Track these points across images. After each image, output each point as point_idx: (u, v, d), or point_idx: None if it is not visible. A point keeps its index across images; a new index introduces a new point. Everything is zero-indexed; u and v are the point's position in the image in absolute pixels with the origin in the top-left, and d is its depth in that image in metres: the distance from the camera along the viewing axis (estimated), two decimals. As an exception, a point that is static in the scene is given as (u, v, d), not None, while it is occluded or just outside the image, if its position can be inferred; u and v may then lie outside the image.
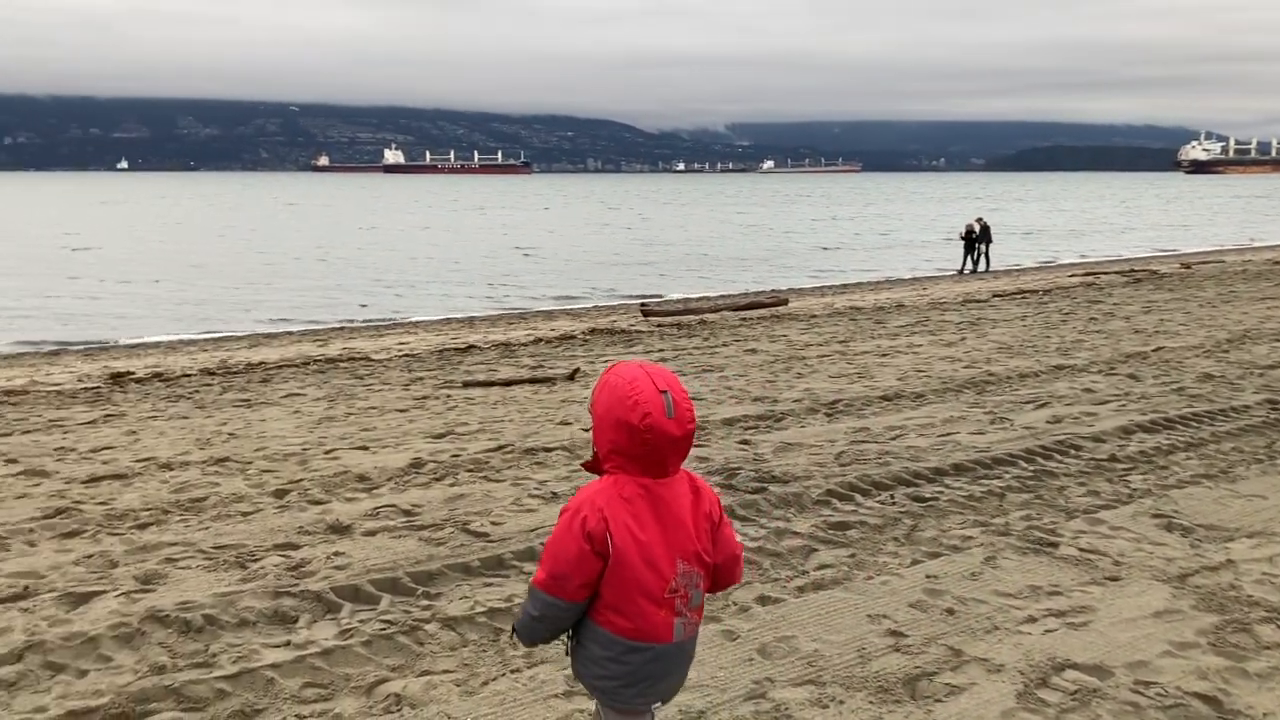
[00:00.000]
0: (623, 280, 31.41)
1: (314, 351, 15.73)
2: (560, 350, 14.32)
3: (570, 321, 19.72)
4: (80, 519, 6.21)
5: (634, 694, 2.73)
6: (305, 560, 5.30)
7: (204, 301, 26.05)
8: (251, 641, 4.32)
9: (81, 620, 4.54)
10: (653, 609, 2.65)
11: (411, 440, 8.34)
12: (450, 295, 27.38)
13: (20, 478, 7.36)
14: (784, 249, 43.64)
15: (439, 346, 15.64)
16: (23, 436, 9.05)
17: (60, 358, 17.21)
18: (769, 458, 7.31)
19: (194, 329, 21.50)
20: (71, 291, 27.73)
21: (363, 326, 21.48)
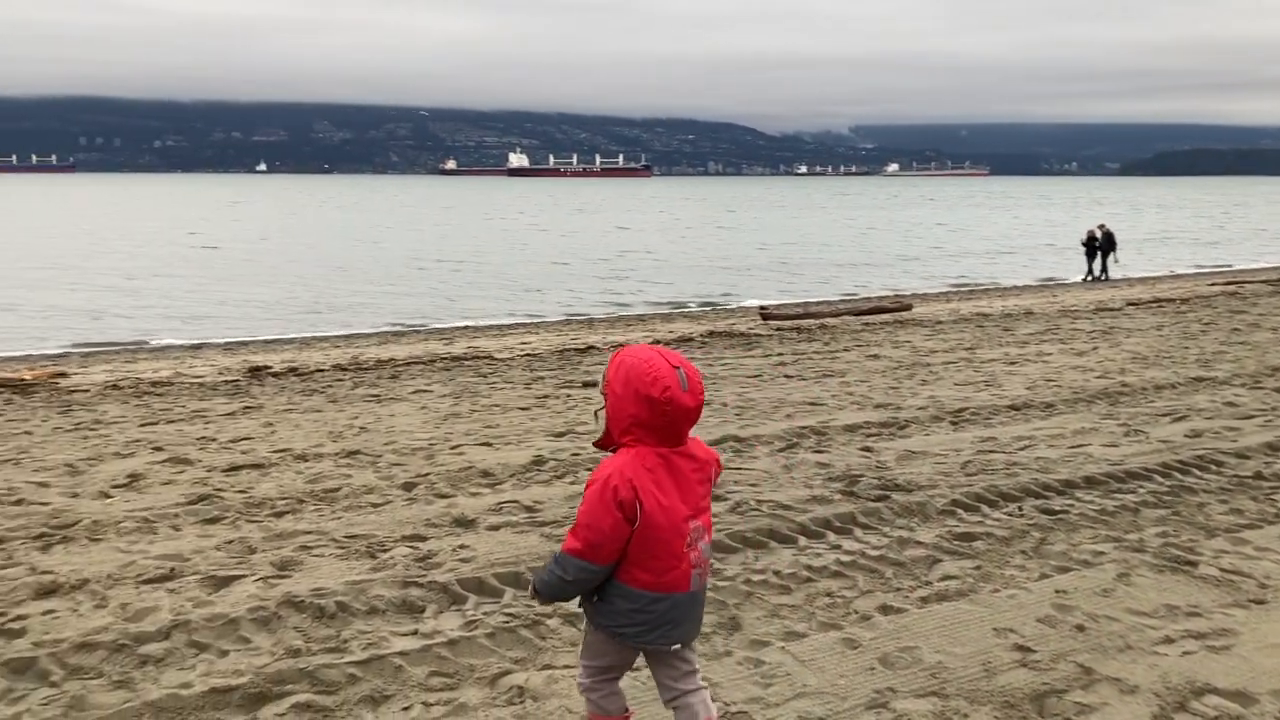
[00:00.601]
0: (741, 283, 31.32)
1: (440, 350, 16.12)
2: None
3: (688, 324, 19.76)
4: (221, 506, 6.49)
5: (656, 637, 3.05)
6: (432, 552, 5.43)
7: (332, 298, 26.94)
8: (381, 629, 4.46)
9: (223, 602, 4.75)
10: (675, 564, 3.00)
11: (533, 438, 8.48)
12: (570, 297, 27.72)
13: (166, 465, 7.74)
14: (907, 253, 42.88)
15: (559, 347, 15.85)
16: (168, 426, 9.51)
17: (202, 351, 18.03)
18: (892, 465, 7.20)
19: (325, 326, 22.26)
20: (207, 288, 29.03)
21: (486, 326, 21.92)
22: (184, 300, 26.56)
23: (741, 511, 6.08)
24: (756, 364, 12.64)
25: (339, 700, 3.87)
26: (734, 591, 4.87)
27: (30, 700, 3.86)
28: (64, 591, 4.95)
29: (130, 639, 4.32)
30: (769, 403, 9.77)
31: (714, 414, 9.24)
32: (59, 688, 3.95)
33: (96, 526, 6.06)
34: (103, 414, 10.33)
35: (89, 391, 12.13)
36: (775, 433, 8.31)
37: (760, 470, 7.12)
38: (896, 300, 22.18)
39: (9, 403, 11.35)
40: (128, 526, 6.06)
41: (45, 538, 5.87)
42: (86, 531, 5.97)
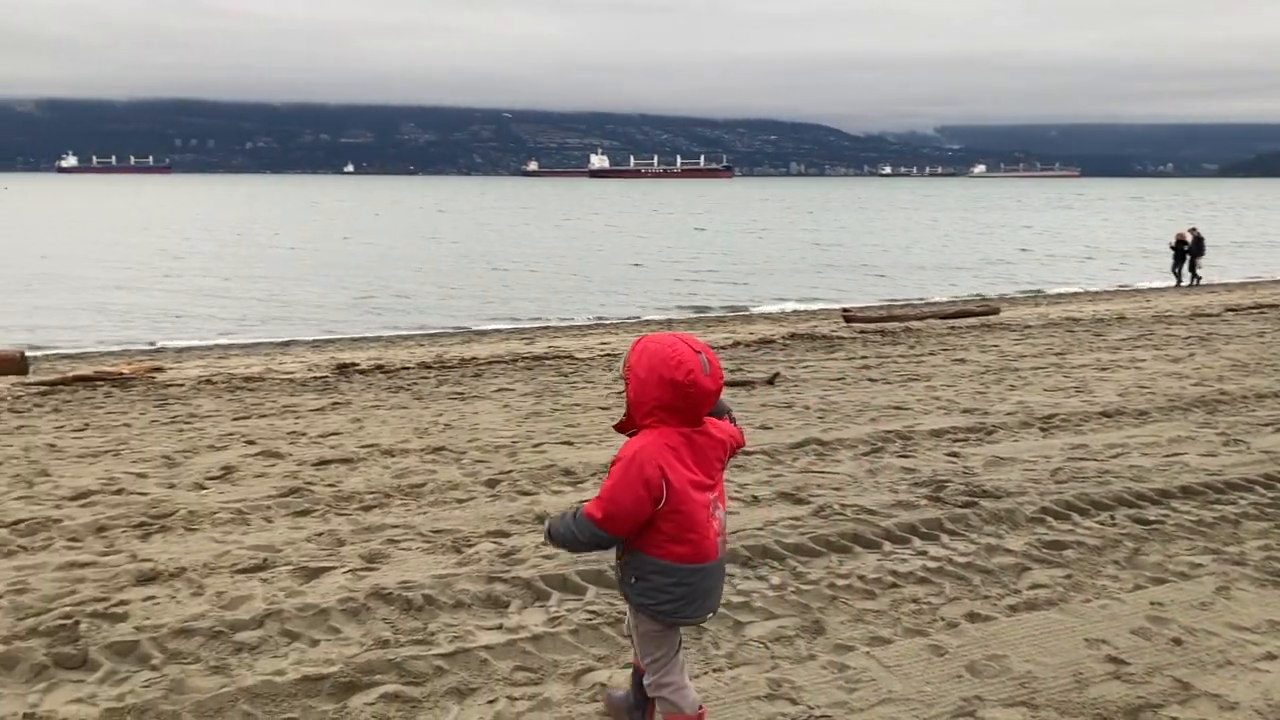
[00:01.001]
0: (821, 284, 31.09)
1: (521, 349, 16.27)
2: (759, 354, 14.28)
3: (769, 325, 19.66)
4: (311, 499, 6.64)
5: (694, 609, 3.21)
6: (516, 548, 5.49)
7: (416, 298, 27.38)
8: (467, 623, 4.52)
9: (313, 593, 4.86)
10: (704, 534, 3.16)
11: (614, 437, 8.48)
12: (647, 298, 27.77)
13: (259, 458, 7.94)
14: (993, 256, 42.09)
15: (641, 347, 15.86)
16: (260, 420, 9.76)
17: (291, 348, 18.47)
18: (979, 471, 7.07)
19: (409, 324, 22.64)
20: (294, 287, 29.71)
21: (566, 326, 22.08)
22: (272, 298, 27.23)
23: (825, 515, 6.03)
24: (839, 367, 12.52)
25: (426, 691, 3.93)
26: (818, 595, 4.83)
27: (133, 682, 3.99)
28: (163, 579, 5.11)
29: (226, 626, 4.44)
30: (852, 406, 9.67)
31: (796, 416, 9.18)
32: (159, 671, 4.08)
33: (193, 517, 6.24)
34: (197, 408, 10.63)
35: (184, 386, 12.50)
36: (859, 436, 8.22)
37: (844, 474, 7.05)
38: (983, 303, 21.79)
39: (109, 396, 11.76)
40: (222, 517, 6.23)
41: (144, 526, 6.07)
42: (183, 521, 6.16)
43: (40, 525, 6.09)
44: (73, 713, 3.74)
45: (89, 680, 4.01)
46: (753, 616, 4.62)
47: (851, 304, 24.50)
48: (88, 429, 9.48)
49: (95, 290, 28.70)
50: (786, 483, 6.81)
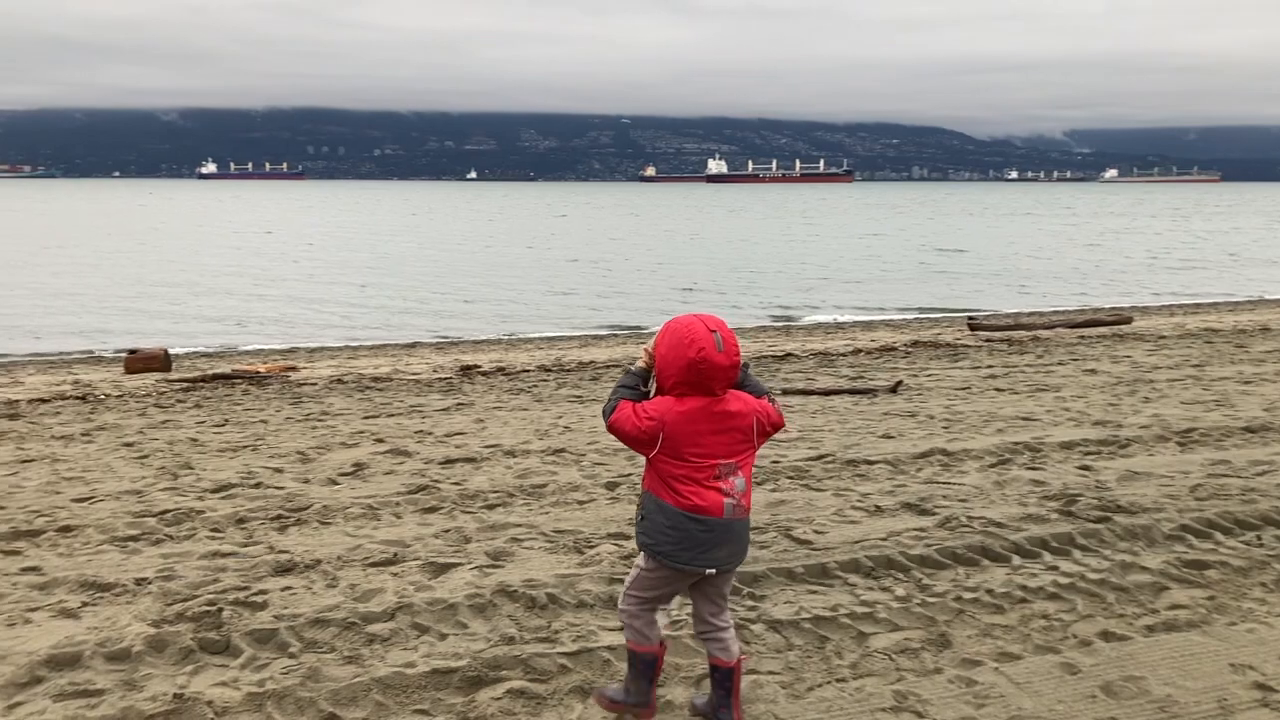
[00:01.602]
0: (941, 291, 30.45)
1: (639, 352, 16.34)
2: (881, 362, 14.06)
3: (890, 333, 19.34)
4: (438, 496, 6.81)
5: (689, 557, 3.52)
6: (635, 551, 5.52)
7: (535, 301, 27.79)
8: (589, 623, 4.57)
9: (442, 588, 4.98)
10: (704, 490, 3.48)
11: (734, 443, 8.48)
12: (760, 303, 27.63)
13: (387, 456, 8.17)
14: (1122, 264, 40.59)
15: (756, 354, 15.81)
16: (388, 419, 10.04)
17: (416, 350, 18.94)
18: (1113, 486, 6.83)
19: (528, 328, 22.99)
20: (414, 290, 30.49)
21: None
22: (397, 300, 28.00)
23: (951, 527, 5.91)
24: (964, 375, 12.25)
25: (550, 689, 3.99)
26: (944, 608, 4.74)
27: (273, 668, 4.16)
28: (299, 570, 5.31)
29: (359, 618, 4.59)
30: (978, 416, 9.45)
31: (920, 426, 9.02)
32: (297, 659, 4.24)
33: (326, 511, 6.46)
34: (329, 406, 11.00)
35: (317, 385, 12.95)
36: (985, 447, 8.03)
37: (970, 485, 6.90)
38: (1114, 313, 21.04)
39: (246, 393, 12.26)
40: (354, 512, 6.44)
41: (281, 519, 6.31)
42: (318, 515, 6.38)
43: (185, 516, 6.39)
44: (217, 695, 3.92)
45: (232, 665, 4.20)
46: (877, 627, 4.55)
47: (976, 311, 23.94)
48: (227, 425, 9.89)
49: (232, 290, 29.99)
50: (910, 493, 6.69)
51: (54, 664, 4.17)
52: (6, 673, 4.09)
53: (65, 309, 25.84)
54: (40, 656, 4.21)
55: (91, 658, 4.22)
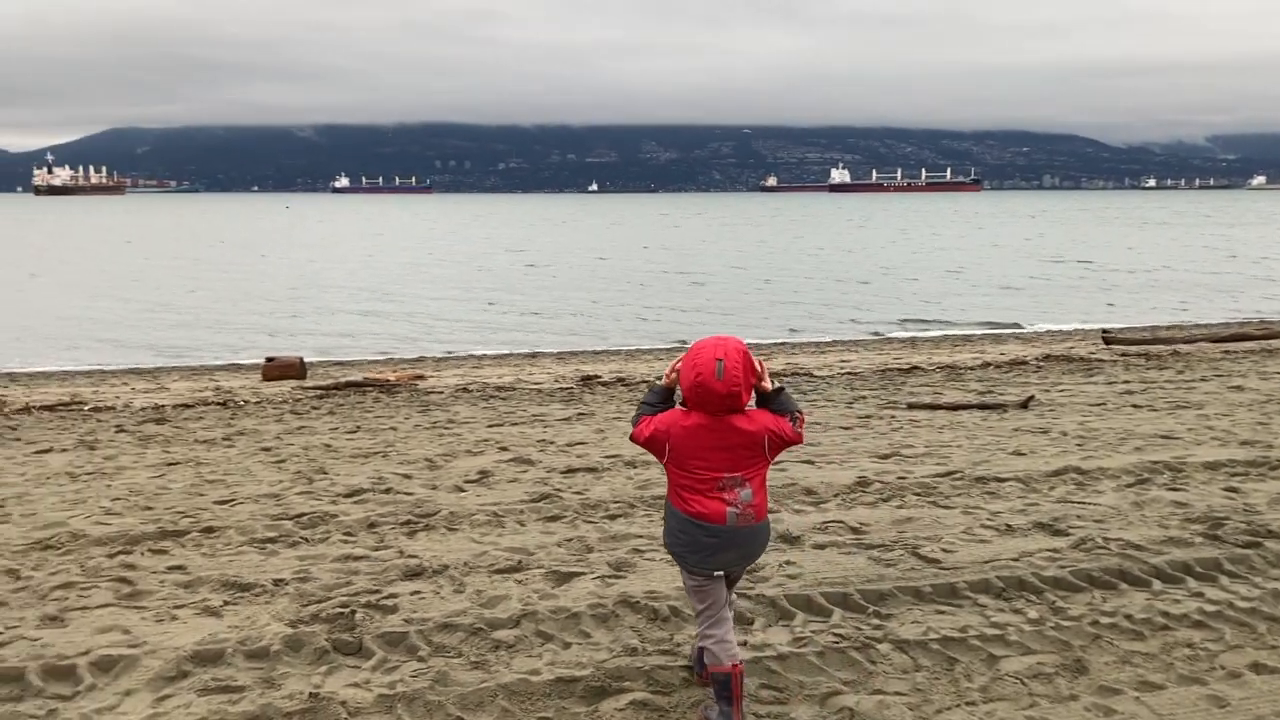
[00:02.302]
0: (1069, 303, 29.45)
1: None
2: (1011, 376, 13.67)
3: (1021, 346, 18.80)
4: (560, 505, 6.88)
5: (697, 560, 3.81)
6: (759, 565, 5.48)
7: (650, 313, 27.90)
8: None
9: (565, 596, 5.03)
10: (706, 499, 3.75)
11: (856, 458, 8.36)
12: (881, 315, 27.17)
13: (511, 464, 8.30)
14: (1271, 275, 38.59)
15: (881, 366, 15.55)
16: (511, 428, 10.21)
17: (538, 360, 19.22)
18: (1263, 509, 6.48)
19: (646, 339, 23.09)
20: (531, 301, 30.93)
21: (804, 343, 21.91)
22: (518, 310, 28.48)
23: (1086, 549, 5.69)
24: (1099, 391, 11.81)
25: (673, 701, 3.99)
26: (1079, 633, 4.57)
27: (402, 671, 4.26)
28: (427, 575, 5.43)
29: (485, 624, 4.67)
30: (1114, 434, 9.10)
31: (1052, 443, 8.73)
32: (425, 663, 4.33)
33: (453, 517, 6.60)
34: (455, 414, 11.24)
35: (443, 393, 13.25)
36: (1123, 466, 7.72)
37: (1106, 506, 6.64)
38: (1263, 327, 20.01)
39: (377, 401, 12.62)
40: (479, 519, 6.56)
41: (410, 524, 6.47)
42: (445, 521, 6.52)
43: (319, 519, 6.61)
44: (350, 696, 4.03)
45: (364, 666, 4.31)
46: (1008, 650, 4.42)
47: (1111, 324, 23.08)
48: (359, 431, 10.20)
49: (363, 299, 30.98)
50: (1043, 512, 6.48)
51: (198, 659, 4.35)
52: (155, 666, 4.29)
53: (208, 318, 27.07)
54: (186, 652, 4.40)
55: (233, 655, 4.39)
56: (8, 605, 5.06)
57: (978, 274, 39.81)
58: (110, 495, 7.41)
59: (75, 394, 14.09)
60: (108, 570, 5.59)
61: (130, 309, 28.97)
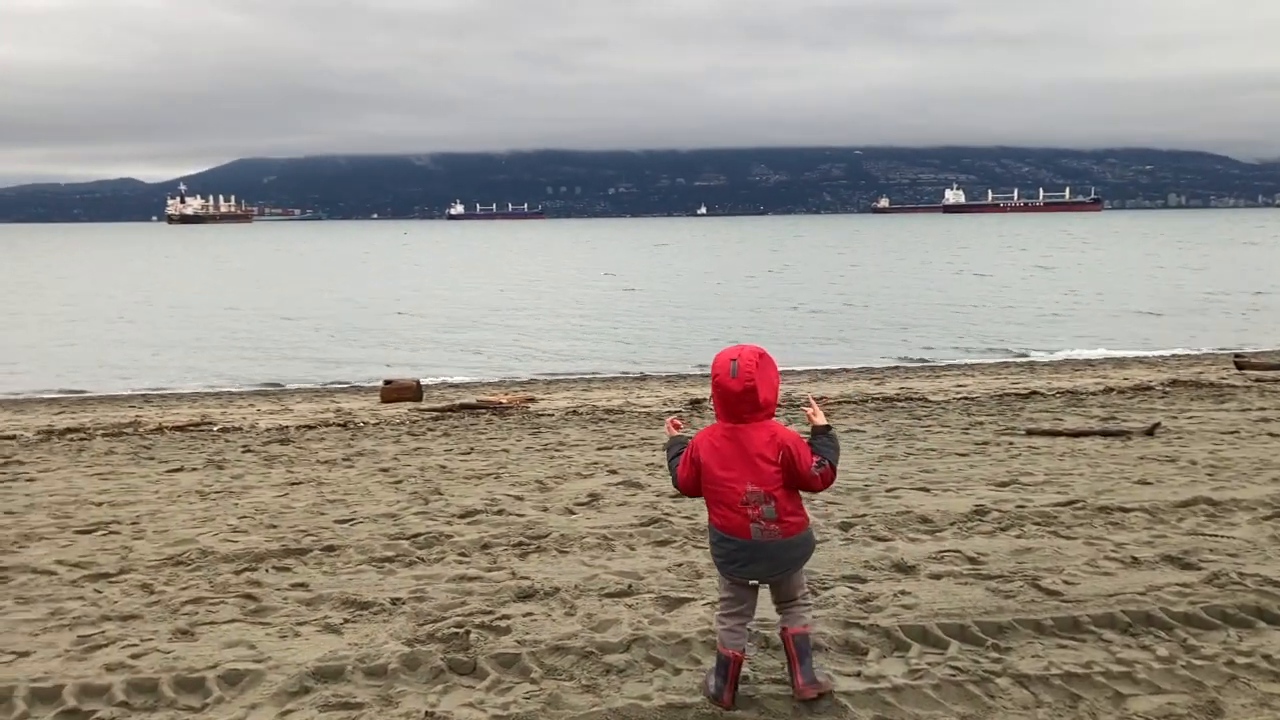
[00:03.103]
0: (1205, 326, 28.27)
1: (871, 389, 16.04)
2: (1135, 402, 13.20)
3: (1146, 371, 18.13)
4: (670, 529, 6.88)
5: (732, 569, 4.07)
6: (872, 595, 5.39)
7: (752, 335, 27.74)
8: (824, 665, 4.48)
9: (675, 622, 5.02)
10: (731, 514, 3.99)
11: (973, 486, 8.17)
12: (991, 339, 26.51)
13: (620, 487, 8.35)
14: None
15: (998, 391, 15.18)
16: (621, 451, 10.27)
17: (646, 383, 19.28)
18: None
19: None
20: (639, 324, 31.07)
21: (918, 367, 21.52)
22: (625, 333, 28.65)
23: (1220, 584, 5.44)
24: (1231, 419, 11.31)
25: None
26: (1213, 672, 4.37)
27: (515, 693, 4.30)
28: (539, 597, 5.48)
29: (596, 647, 4.69)
30: (1249, 463, 8.69)
31: (1181, 472, 8.39)
32: (538, 685, 4.37)
33: (564, 540, 6.66)
34: (565, 437, 11.36)
35: (554, 416, 13.41)
36: (1258, 498, 7.36)
37: (1241, 539, 6.34)
38: None
39: (490, 423, 12.83)
40: (590, 542, 6.60)
41: (523, 546, 6.55)
42: (556, 544, 6.58)
43: (435, 539, 6.74)
44: (465, 716, 4.09)
45: (478, 687, 4.37)
46: (1136, 689, 4.24)
47: (1243, 348, 22.09)
48: (472, 453, 10.39)
49: (477, 323, 31.60)
50: (1171, 545, 6.22)
51: (320, 676, 4.47)
52: (279, 681, 4.42)
53: (329, 341, 27.96)
54: (308, 668, 4.53)
55: (352, 672, 4.51)
56: (142, 618, 5.29)
57: (1095, 296, 38.56)
58: (237, 513, 7.69)
59: (205, 415, 14.68)
60: (234, 586, 5.80)
61: (259, 332, 30.11)
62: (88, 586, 5.88)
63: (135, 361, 24.48)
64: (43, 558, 6.52)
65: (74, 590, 5.82)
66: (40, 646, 4.88)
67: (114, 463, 10.31)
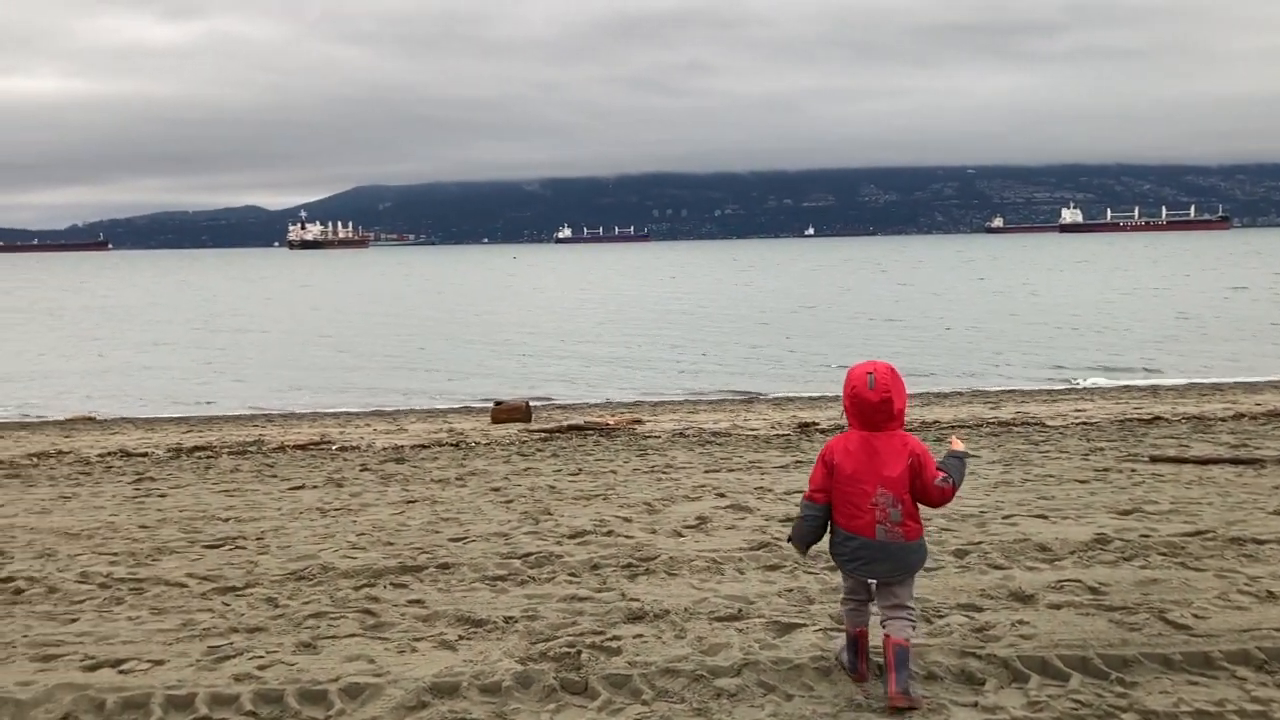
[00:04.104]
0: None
1: (985, 413, 15.69)
2: (1268, 428, 12.63)
3: (1279, 396, 17.32)
4: (780, 554, 6.83)
5: (853, 568, 4.42)
6: (989, 624, 5.27)
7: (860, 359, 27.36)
8: (940, 696, 4.40)
9: (786, 647, 4.98)
10: (859, 514, 4.34)
11: (1094, 514, 7.92)
12: (1103, 362, 25.66)
13: (729, 511, 8.32)
14: None
15: (1119, 416, 14.70)
16: (728, 474, 10.24)
17: (754, 406, 19.20)
18: None
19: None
20: (743, 346, 30.95)
21: (1033, 390, 20.97)
22: (733, 355, 28.58)
23: (1363, 621, 5.16)
24: (1373, 446, 10.73)
25: (899, 762, 3.87)
26: (1358, 715, 4.14)
27: (627, 714, 4.33)
28: (649, 619, 5.50)
29: (707, 671, 4.69)
30: (1394, 494, 8.23)
31: (1319, 502, 7.99)
32: (649, 706, 4.39)
33: (673, 562, 6.67)
34: (672, 459, 11.38)
35: (660, 438, 13.45)
36: (1405, 530, 6.97)
37: (1386, 574, 6.01)
38: None
39: (597, 444, 12.94)
40: (698, 565, 6.60)
41: (632, 568, 6.58)
42: (665, 566, 6.60)
43: (545, 559, 6.83)
44: (577, 734, 4.13)
45: (589, 707, 4.41)
46: (1273, 730, 4.06)
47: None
48: (581, 474, 10.49)
49: (585, 344, 31.94)
50: None
51: (436, 691, 4.57)
52: (397, 696, 4.53)
53: (441, 362, 28.60)
54: (425, 683, 4.63)
55: (468, 689, 4.59)
56: (268, 631, 5.48)
57: (1223, 317, 37.02)
58: (356, 530, 7.91)
59: (324, 434, 15.15)
60: (354, 601, 5.97)
61: (373, 353, 30.98)
62: (216, 599, 6.12)
63: (255, 378, 25.46)
64: (174, 570, 6.81)
65: (204, 602, 6.06)
66: (174, 656, 5.09)
67: (239, 480, 10.71)
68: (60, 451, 13.61)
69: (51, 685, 4.65)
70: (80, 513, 8.98)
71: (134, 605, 6.02)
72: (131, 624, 5.65)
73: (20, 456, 13.09)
